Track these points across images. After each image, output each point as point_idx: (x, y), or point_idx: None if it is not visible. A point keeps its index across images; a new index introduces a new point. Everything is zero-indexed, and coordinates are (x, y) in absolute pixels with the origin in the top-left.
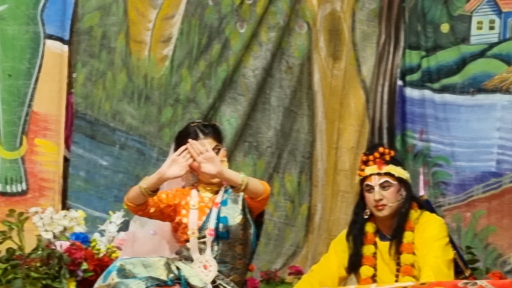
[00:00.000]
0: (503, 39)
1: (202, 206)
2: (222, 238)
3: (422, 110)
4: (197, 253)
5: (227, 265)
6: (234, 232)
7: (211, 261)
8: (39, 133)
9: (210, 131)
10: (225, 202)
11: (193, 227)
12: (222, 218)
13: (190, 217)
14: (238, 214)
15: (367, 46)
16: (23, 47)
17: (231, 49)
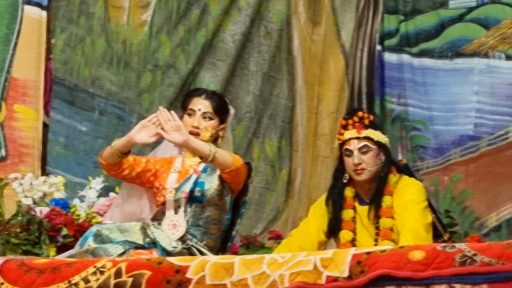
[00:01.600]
0: (481, 3)
1: (183, 172)
2: (196, 201)
3: (401, 75)
4: (171, 212)
5: (200, 229)
6: (209, 196)
7: (181, 221)
8: (18, 99)
9: (213, 98)
10: (206, 170)
11: (170, 187)
12: (199, 183)
13: (169, 179)
14: (215, 180)
15: (347, 10)
16: (1, 13)
17: (210, 14)
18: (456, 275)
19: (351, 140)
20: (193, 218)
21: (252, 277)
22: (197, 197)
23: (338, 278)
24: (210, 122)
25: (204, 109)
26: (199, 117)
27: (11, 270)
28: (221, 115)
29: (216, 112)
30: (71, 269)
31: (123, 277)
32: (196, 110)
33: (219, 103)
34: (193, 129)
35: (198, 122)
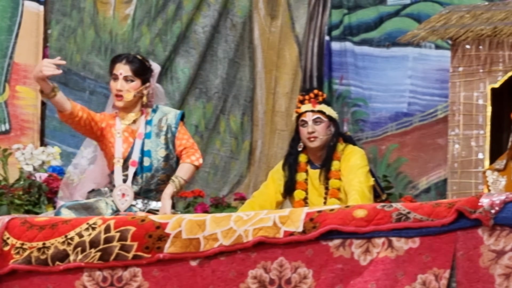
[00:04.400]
0: (414, 1)
1: (126, 136)
2: (145, 170)
3: (344, 60)
4: (120, 181)
5: (153, 192)
6: (156, 164)
7: (129, 190)
8: (20, 81)
9: (132, 61)
10: (149, 135)
11: (119, 156)
12: (146, 152)
13: (116, 146)
14: (160, 147)
15: (300, 6)
16: (4, 7)
17: (184, 9)
18: (393, 230)
19: (307, 112)
20: (145, 185)
21: (221, 232)
22: (146, 166)
23: (294, 232)
24: (131, 84)
25: (125, 72)
26: (121, 80)
27: (16, 226)
28: (142, 75)
29: (136, 74)
30: (67, 225)
31: (111, 232)
32: (118, 74)
33: (139, 66)
34: (118, 92)
35: (121, 85)
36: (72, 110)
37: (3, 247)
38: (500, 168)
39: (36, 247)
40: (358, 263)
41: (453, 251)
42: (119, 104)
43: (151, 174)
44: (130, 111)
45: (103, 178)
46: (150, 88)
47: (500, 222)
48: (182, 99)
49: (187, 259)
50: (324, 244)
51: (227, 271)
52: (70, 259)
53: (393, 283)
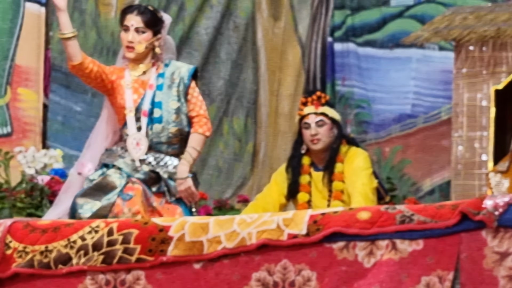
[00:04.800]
0: (418, 2)
1: (136, 87)
2: (156, 121)
3: (346, 61)
4: (134, 130)
5: (163, 145)
6: (167, 115)
7: (144, 139)
8: (22, 83)
9: (144, 12)
10: (161, 87)
11: (130, 106)
12: (157, 103)
13: (126, 97)
14: (172, 99)
15: (303, 8)
16: (5, 9)
17: (187, 11)
18: (397, 232)
19: (310, 114)
20: (155, 137)
21: (225, 235)
22: (156, 117)
23: (298, 235)
24: (143, 36)
25: (136, 24)
26: (132, 32)
27: (18, 230)
28: (154, 27)
29: (147, 26)
30: (69, 228)
31: (114, 235)
32: (129, 26)
33: (150, 17)
34: (129, 43)
35: (132, 36)
36: (82, 61)
37: (6, 251)
38: (503, 170)
39: (38, 251)
40: (362, 266)
41: (456, 253)
42: (130, 55)
43: (161, 126)
44: (141, 63)
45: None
46: (161, 40)
47: (504, 224)
48: None
49: (190, 262)
50: (328, 246)
51: (230, 274)
52: (73, 262)
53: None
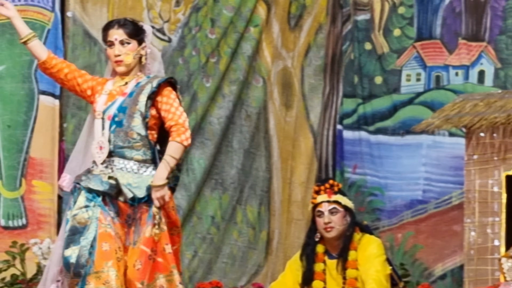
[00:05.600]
0: (427, 89)
1: (113, 94)
2: (118, 125)
3: (358, 149)
4: (99, 134)
5: (126, 149)
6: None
7: (106, 143)
8: (36, 176)
9: (125, 25)
10: (131, 94)
11: (99, 109)
12: (122, 108)
13: (99, 101)
14: (135, 104)
15: (314, 96)
16: (20, 102)
17: (199, 101)
18: None
19: (323, 203)
20: (118, 140)
21: None
22: (118, 121)
23: None
24: (128, 47)
25: (120, 37)
26: (118, 45)
27: None
28: (137, 36)
29: (131, 36)
30: None
31: None
32: (113, 40)
33: (132, 27)
34: (116, 57)
35: (118, 50)
36: (46, 59)
37: None
38: None
39: None
40: None
41: None
42: (121, 69)
43: (122, 130)
44: (128, 74)
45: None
46: (146, 48)
47: None
48: (198, 191)
49: None
50: None
51: None
52: None
53: None
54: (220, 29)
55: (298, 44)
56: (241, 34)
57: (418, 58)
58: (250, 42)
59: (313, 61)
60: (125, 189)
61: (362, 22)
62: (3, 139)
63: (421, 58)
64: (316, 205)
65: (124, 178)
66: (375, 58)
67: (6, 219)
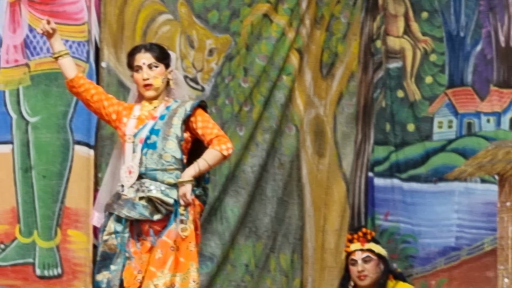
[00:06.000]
0: (459, 136)
1: (142, 118)
2: (151, 147)
3: (391, 196)
4: (130, 158)
5: (158, 172)
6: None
7: (135, 167)
8: (71, 225)
9: (151, 49)
10: (163, 117)
11: (129, 133)
12: (155, 131)
13: (128, 125)
14: (169, 127)
15: (347, 144)
16: (55, 152)
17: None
18: None
19: (356, 251)
20: (150, 163)
21: None
22: (151, 143)
23: None
24: (157, 70)
25: (148, 61)
26: (146, 69)
27: None
28: (164, 60)
29: (158, 60)
30: None
31: None
32: (141, 64)
33: (159, 51)
34: (145, 81)
35: (146, 74)
36: (73, 77)
37: None
38: None
39: None
40: None
41: None
42: (150, 93)
43: (155, 152)
44: (157, 98)
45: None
46: (173, 73)
47: None
48: (232, 239)
49: None
50: None
51: None
52: None
53: None
54: (253, 77)
55: (330, 92)
56: (274, 82)
57: (450, 105)
58: (282, 91)
59: (345, 109)
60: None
61: (394, 70)
62: (39, 189)
63: (452, 105)
64: (349, 253)
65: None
66: (407, 106)
67: (41, 268)
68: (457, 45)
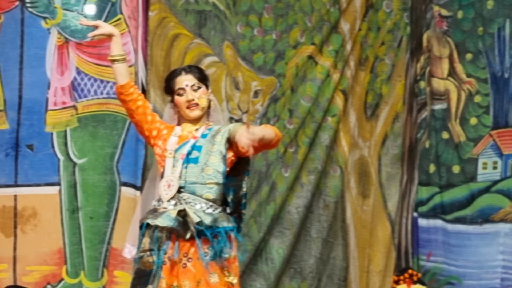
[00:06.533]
0: (504, 177)
1: (183, 136)
2: (192, 162)
3: (434, 237)
4: (169, 172)
5: (198, 185)
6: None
7: (175, 181)
8: (118, 266)
9: (192, 71)
10: (205, 136)
11: (171, 148)
12: (197, 147)
13: (169, 141)
14: (212, 143)
15: (392, 185)
16: (102, 193)
17: (278, 190)
18: None
19: None
20: (190, 176)
21: None
22: (193, 158)
23: None
24: (200, 91)
25: (190, 82)
26: (189, 91)
27: None
28: (205, 81)
29: (201, 81)
30: None
31: None
32: (183, 86)
33: (199, 72)
34: (190, 102)
35: (191, 95)
36: (123, 84)
37: None
38: None
39: None
40: None
41: None
42: (196, 113)
43: (197, 166)
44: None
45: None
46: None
47: None
48: (277, 280)
49: None
50: None
51: None
52: None
53: None
54: (298, 119)
55: (375, 133)
56: (319, 123)
57: (495, 147)
58: (327, 132)
59: (390, 150)
60: (192, 215)
61: (439, 111)
62: (86, 230)
63: (497, 146)
64: None
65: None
66: (452, 147)
67: None
68: (501, 86)
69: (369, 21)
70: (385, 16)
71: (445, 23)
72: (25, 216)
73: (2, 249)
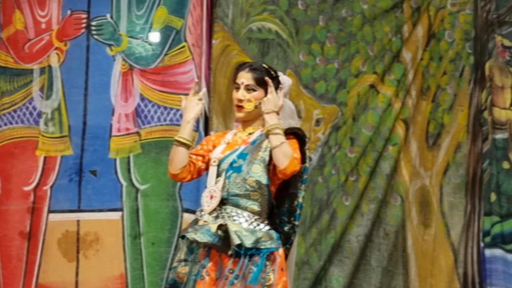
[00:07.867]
0: None
1: (232, 143)
2: (236, 171)
3: (494, 266)
4: (212, 183)
5: (241, 198)
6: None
7: (218, 192)
8: None
9: (255, 70)
10: (254, 142)
11: (215, 157)
12: (243, 155)
13: (216, 150)
14: (257, 150)
15: (455, 214)
16: (164, 219)
17: (338, 219)
18: None
19: None
20: (233, 187)
21: None
22: (236, 167)
23: None
24: (253, 94)
25: (246, 81)
26: (242, 90)
27: None
28: (263, 85)
29: (258, 84)
30: None
31: None
32: (239, 83)
33: (261, 74)
34: (238, 102)
35: (241, 95)
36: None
37: None
38: None
39: None
40: None
41: None
42: (239, 115)
43: (240, 176)
44: (250, 125)
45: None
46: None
47: None
48: None
49: None
50: None
51: None
52: None
53: None
54: (359, 147)
55: (437, 163)
56: (380, 152)
57: None
58: (388, 161)
59: (452, 180)
60: (233, 235)
61: (499, 141)
62: (147, 256)
63: None
64: None
65: (235, 225)
66: None
67: None
68: None
69: (431, 50)
70: (447, 46)
71: (507, 53)
72: (88, 241)
73: (64, 274)
